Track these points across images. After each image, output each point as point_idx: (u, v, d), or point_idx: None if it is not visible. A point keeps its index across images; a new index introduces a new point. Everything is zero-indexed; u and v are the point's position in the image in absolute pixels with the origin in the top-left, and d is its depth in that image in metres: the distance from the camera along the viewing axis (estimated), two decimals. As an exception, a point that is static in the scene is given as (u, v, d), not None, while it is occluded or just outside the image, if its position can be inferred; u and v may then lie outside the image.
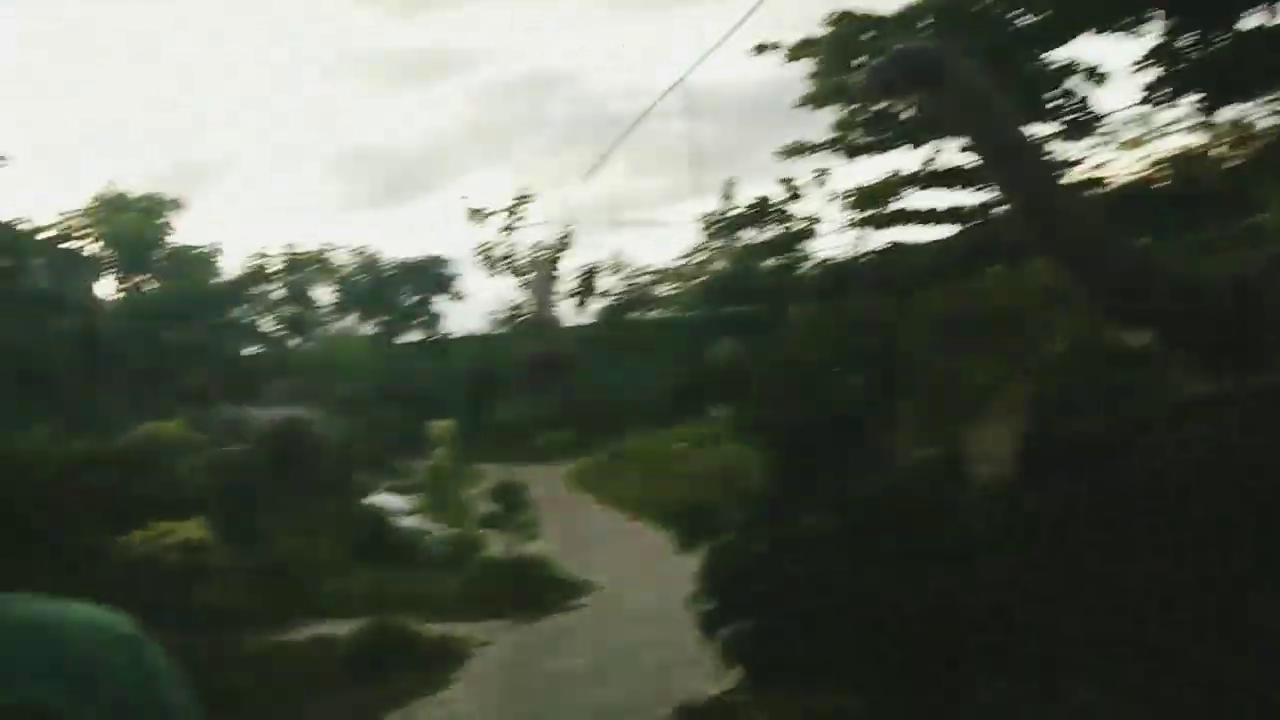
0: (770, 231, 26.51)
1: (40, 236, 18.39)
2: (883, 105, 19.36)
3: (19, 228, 15.44)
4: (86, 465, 8.51)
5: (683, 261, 28.89)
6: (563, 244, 27.90)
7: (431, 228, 57.15)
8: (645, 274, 28.52)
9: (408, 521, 12.02)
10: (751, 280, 25.89)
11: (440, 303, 30.04)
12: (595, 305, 27.83)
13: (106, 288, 24.78)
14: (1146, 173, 22.30)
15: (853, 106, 20.83)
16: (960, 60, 7.45)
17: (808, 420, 5.34)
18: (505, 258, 27.82)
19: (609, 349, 24.43)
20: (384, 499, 13.40)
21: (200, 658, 6.48)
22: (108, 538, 7.46)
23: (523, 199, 27.93)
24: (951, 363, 5.12)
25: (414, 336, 29.37)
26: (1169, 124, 21.98)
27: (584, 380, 23.19)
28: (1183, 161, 22.13)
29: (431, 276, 29.93)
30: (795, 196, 25.50)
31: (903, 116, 20.02)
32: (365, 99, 50.94)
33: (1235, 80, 15.61)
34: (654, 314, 28.19)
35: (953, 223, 21.51)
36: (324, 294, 29.81)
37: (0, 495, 6.41)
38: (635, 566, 9.88)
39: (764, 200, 26.40)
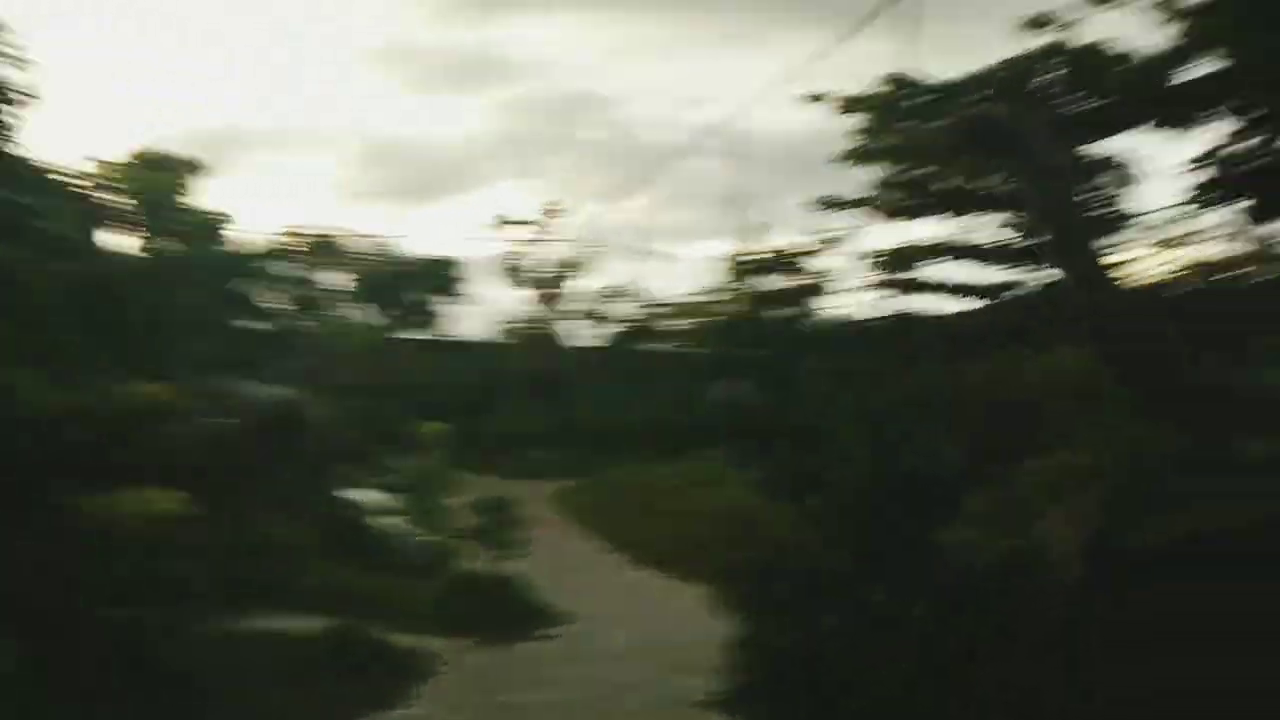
0: (789, 280, 26.33)
1: (65, 183, 18.16)
2: (936, 168, 19.18)
3: (46, 172, 15.19)
4: (67, 420, 8.18)
5: (697, 298, 28.72)
6: (580, 264, 27.72)
7: (452, 230, 57.20)
8: (658, 305, 28.30)
9: (387, 521, 11.68)
10: (763, 326, 25.69)
11: (448, 304, 29.81)
12: (604, 329, 27.59)
13: (128, 243, 24.51)
14: (1178, 275, 22.09)
15: (896, 168, 20.71)
16: (1041, 133, 7.24)
17: (882, 486, 5.04)
18: (522, 269, 27.64)
19: (611, 374, 24.15)
20: (366, 494, 13.07)
21: (154, 634, 6.15)
22: (83, 499, 7.13)
23: (549, 213, 27.80)
24: (1021, 447, 4.87)
25: (420, 334, 29.09)
26: (1204, 230, 21.80)
27: (583, 402, 22.88)
28: (1217, 268, 21.93)
29: (443, 277, 29.72)
30: (820, 249, 25.32)
31: (944, 186, 19.88)
32: (404, 94, 51.01)
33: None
34: (660, 346, 27.92)
35: (977, 297, 21.28)
36: (337, 279, 29.57)
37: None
38: (616, 602, 9.56)
39: (788, 249, 26.23)
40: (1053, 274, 20.03)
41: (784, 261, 25.97)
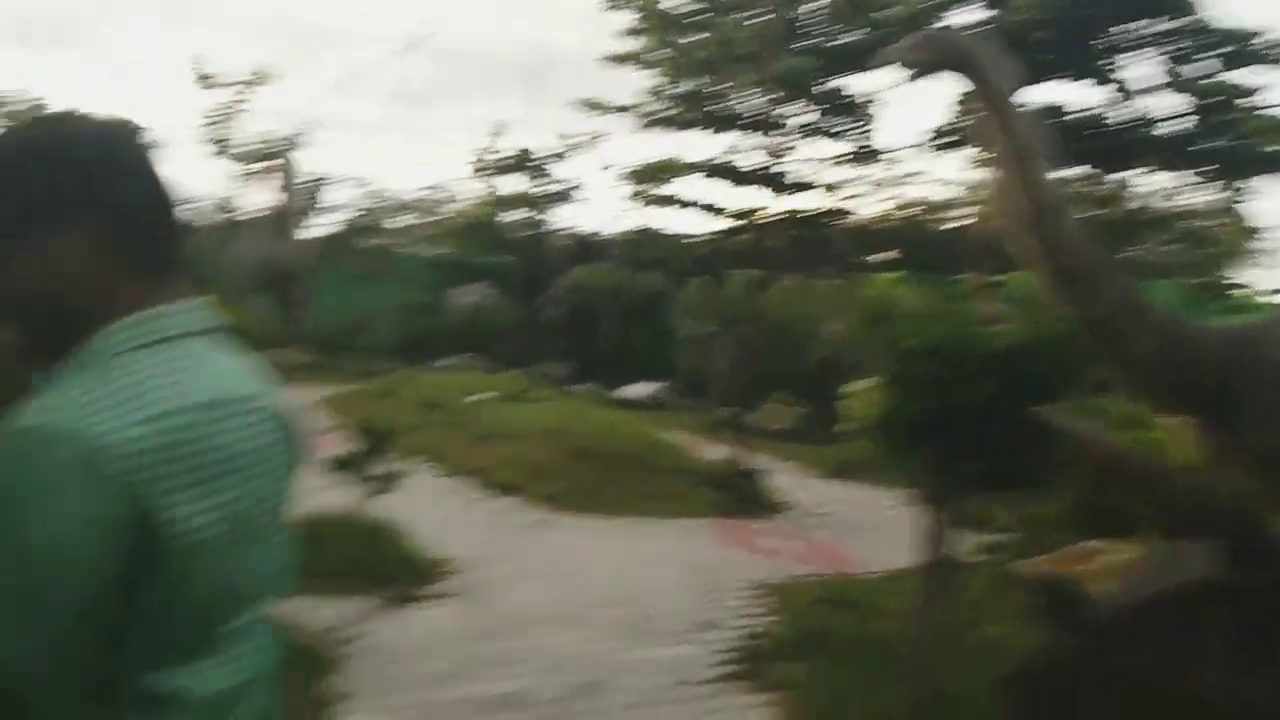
0: (533, 185, 25.07)
1: None
2: (709, 81, 18.68)
3: None
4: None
5: (429, 196, 26.64)
6: (294, 143, 24.38)
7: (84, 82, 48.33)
8: (385, 199, 25.80)
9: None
10: (503, 230, 24.35)
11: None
12: (323, 221, 24.66)
13: None
14: (902, 213, 23.84)
15: (666, 77, 20.03)
16: (998, 55, 6.70)
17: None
18: (225, 141, 23.74)
19: (342, 271, 21.63)
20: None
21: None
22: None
23: (255, 79, 24.01)
24: None
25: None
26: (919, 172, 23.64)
27: (316, 300, 20.24)
28: (934, 209, 23.96)
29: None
30: (570, 155, 24.27)
31: (713, 101, 19.58)
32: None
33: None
34: (390, 243, 25.57)
35: (734, 219, 21.38)
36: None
37: None
38: (494, 540, 8.18)
39: (528, 152, 24.84)
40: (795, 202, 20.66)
41: (530, 165, 24.59)
